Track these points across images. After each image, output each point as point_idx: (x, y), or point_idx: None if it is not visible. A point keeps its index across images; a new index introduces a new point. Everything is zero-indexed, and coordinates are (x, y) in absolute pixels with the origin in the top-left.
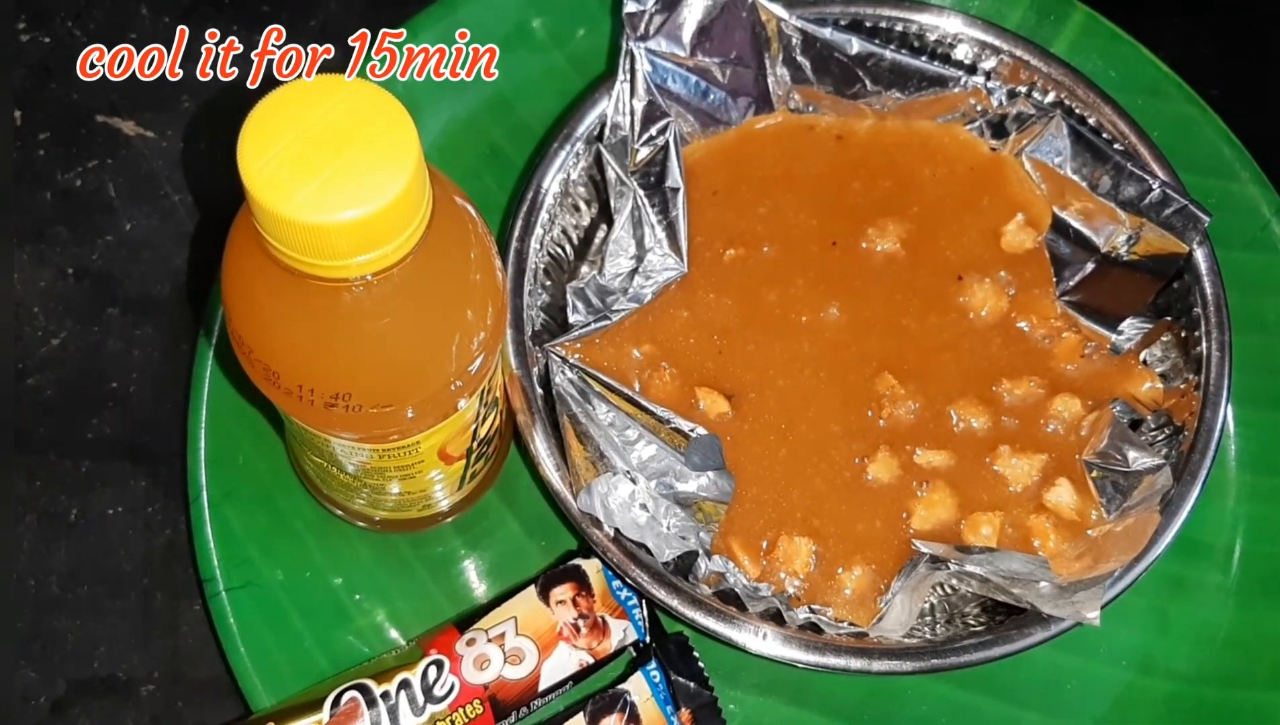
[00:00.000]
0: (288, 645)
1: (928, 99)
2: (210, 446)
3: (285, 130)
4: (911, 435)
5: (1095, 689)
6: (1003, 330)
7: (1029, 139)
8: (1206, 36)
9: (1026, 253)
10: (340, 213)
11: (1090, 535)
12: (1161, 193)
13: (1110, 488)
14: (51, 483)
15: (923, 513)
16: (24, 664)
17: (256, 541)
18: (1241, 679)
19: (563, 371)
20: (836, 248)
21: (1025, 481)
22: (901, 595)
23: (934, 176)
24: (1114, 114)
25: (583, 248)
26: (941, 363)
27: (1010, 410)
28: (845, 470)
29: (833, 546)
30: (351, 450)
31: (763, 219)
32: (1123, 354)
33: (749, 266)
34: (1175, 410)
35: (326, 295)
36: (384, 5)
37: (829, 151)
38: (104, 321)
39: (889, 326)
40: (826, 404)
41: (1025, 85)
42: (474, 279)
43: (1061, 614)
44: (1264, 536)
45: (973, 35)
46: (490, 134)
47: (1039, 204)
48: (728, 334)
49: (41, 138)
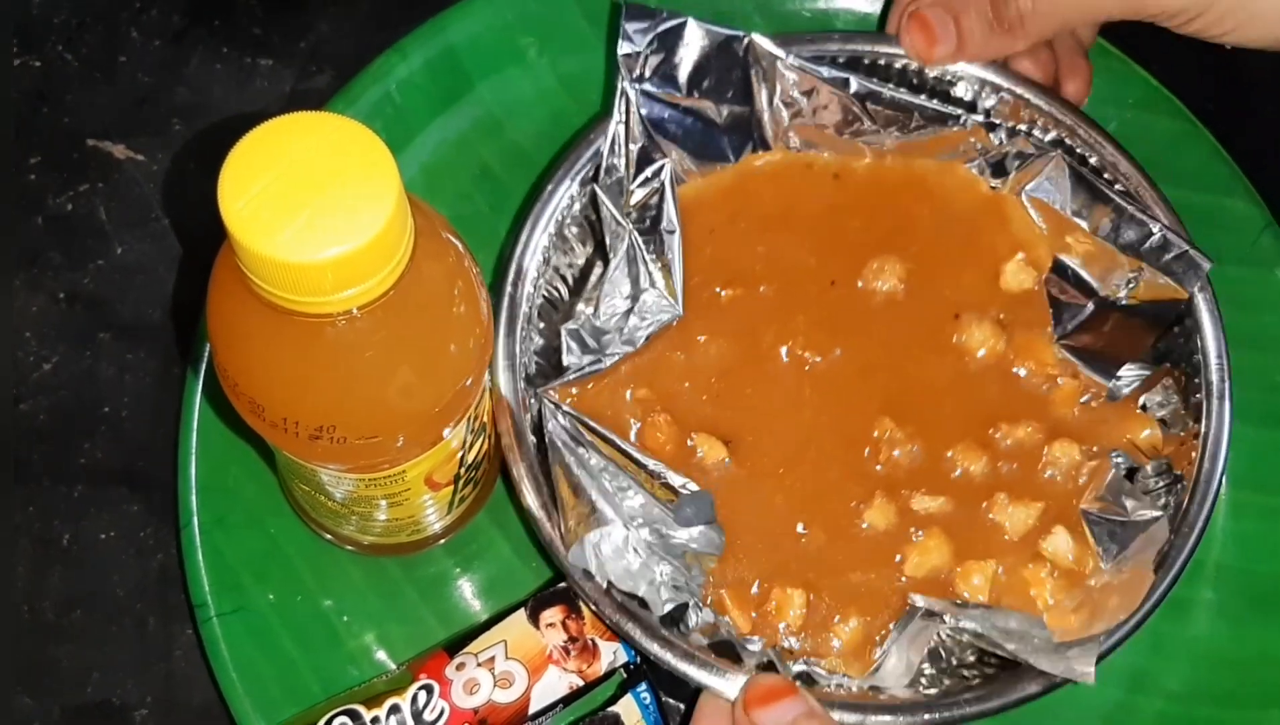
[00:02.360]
0: (280, 670)
1: (927, 137)
2: (201, 472)
3: (266, 169)
4: (909, 480)
5: (1086, 707)
6: (1000, 373)
7: (1029, 178)
8: (1197, 52)
9: (1025, 293)
10: (322, 251)
11: (1088, 585)
12: (1162, 237)
13: (1107, 538)
14: (45, 508)
15: (916, 559)
16: (19, 690)
17: (248, 567)
18: (1233, 697)
19: (555, 417)
20: (835, 287)
21: (1021, 530)
22: (897, 647)
23: (933, 215)
24: (1116, 153)
25: (578, 285)
26: (940, 406)
27: (1008, 455)
28: (841, 518)
29: (826, 598)
30: (338, 480)
31: (761, 258)
32: (1121, 400)
33: (746, 306)
34: (1175, 458)
35: (310, 329)
36: (375, 27)
37: (827, 190)
38: (96, 346)
39: (889, 368)
40: (824, 448)
41: (1026, 123)
42: (458, 310)
43: (1055, 670)
44: (1255, 554)
45: (972, 73)
46: (481, 154)
47: (1040, 244)
48: (725, 376)
49: (33, 162)
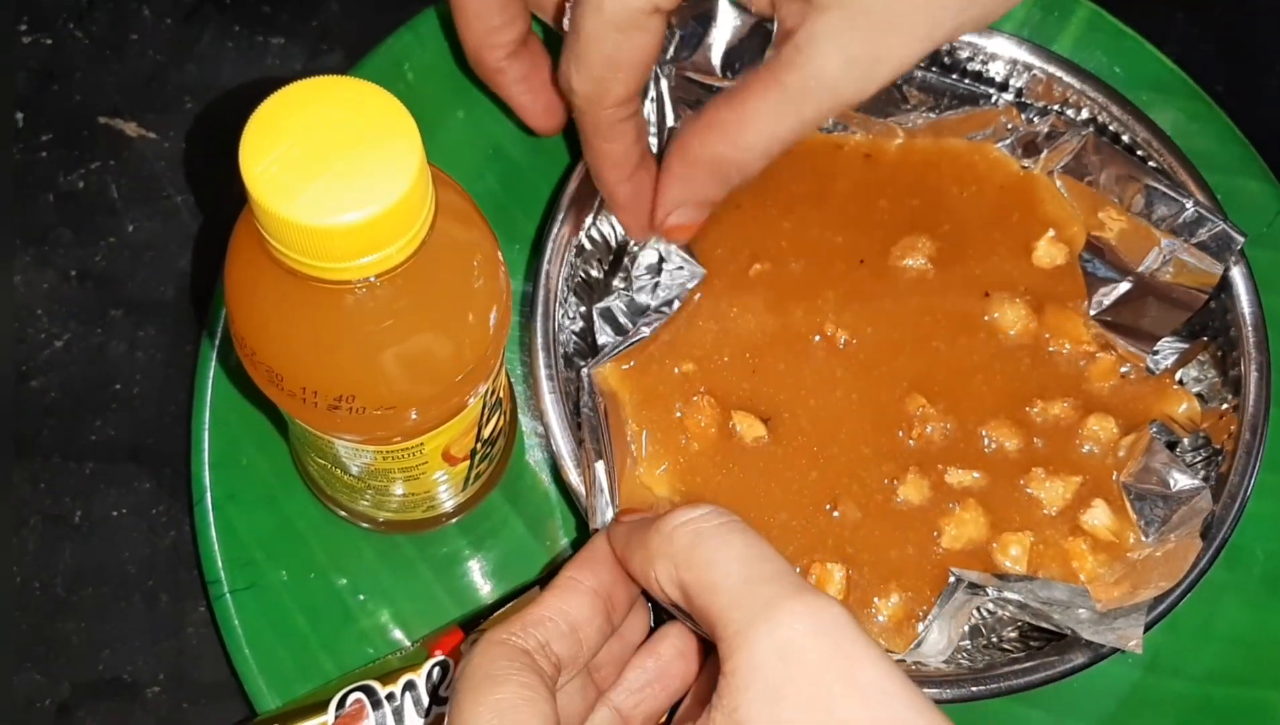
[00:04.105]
0: (292, 647)
1: (958, 117)
2: (214, 449)
3: (287, 132)
4: (942, 456)
5: (1103, 688)
6: (1033, 350)
7: (1061, 157)
8: (1211, 32)
9: (1058, 268)
10: (343, 215)
11: (1130, 559)
12: (1196, 213)
13: (1149, 510)
14: (55, 485)
15: (953, 531)
16: (29, 667)
17: (261, 543)
18: (1250, 678)
19: (589, 401)
20: (864, 266)
21: (1059, 504)
22: (940, 621)
23: (963, 195)
24: (1148, 132)
25: (613, 267)
26: (973, 383)
27: (1043, 431)
28: (876, 493)
29: (866, 573)
30: (355, 452)
31: (787, 234)
32: (1158, 374)
33: (775, 281)
34: (1214, 432)
35: (329, 297)
36: (386, 6)
37: (857, 169)
38: (107, 323)
39: (919, 346)
40: (857, 425)
41: (1058, 103)
42: (477, 280)
43: (1101, 640)
44: (1274, 535)
45: (1004, 51)
46: (493, 134)
47: (1073, 222)
48: (758, 352)
49: (44, 140)
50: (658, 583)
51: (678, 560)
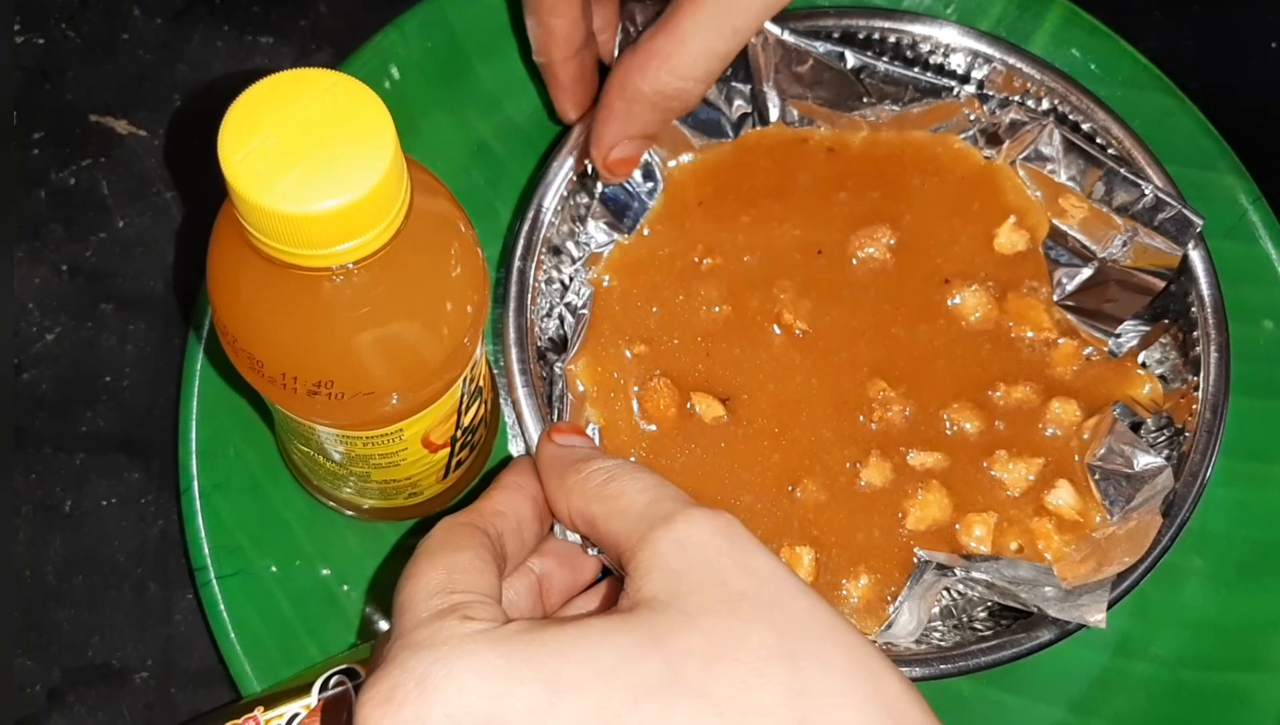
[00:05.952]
0: (278, 633)
1: (922, 110)
2: (201, 439)
3: (265, 122)
4: (904, 438)
5: (1073, 671)
6: (994, 336)
7: (1023, 147)
8: (1185, 29)
9: (1019, 255)
10: (319, 202)
11: (1094, 538)
12: (1154, 198)
13: (1113, 490)
14: (47, 475)
15: (917, 513)
16: (20, 653)
17: (247, 531)
18: (1219, 661)
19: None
20: (822, 256)
21: (1022, 485)
22: (909, 603)
23: (924, 186)
24: (1108, 119)
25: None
26: (934, 369)
27: (1005, 414)
28: (839, 477)
29: (835, 555)
30: (336, 438)
31: (744, 228)
32: (1121, 357)
33: (728, 274)
34: (1175, 412)
35: (308, 284)
36: (374, 5)
37: (819, 164)
38: (98, 317)
39: (878, 333)
40: (818, 409)
41: (1019, 93)
42: (454, 268)
43: (1067, 617)
44: (1242, 521)
45: (965, 44)
46: (478, 131)
47: (1035, 210)
48: (710, 337)
49: (36, 137)
50: (567, 512)
51: (589, 495)
